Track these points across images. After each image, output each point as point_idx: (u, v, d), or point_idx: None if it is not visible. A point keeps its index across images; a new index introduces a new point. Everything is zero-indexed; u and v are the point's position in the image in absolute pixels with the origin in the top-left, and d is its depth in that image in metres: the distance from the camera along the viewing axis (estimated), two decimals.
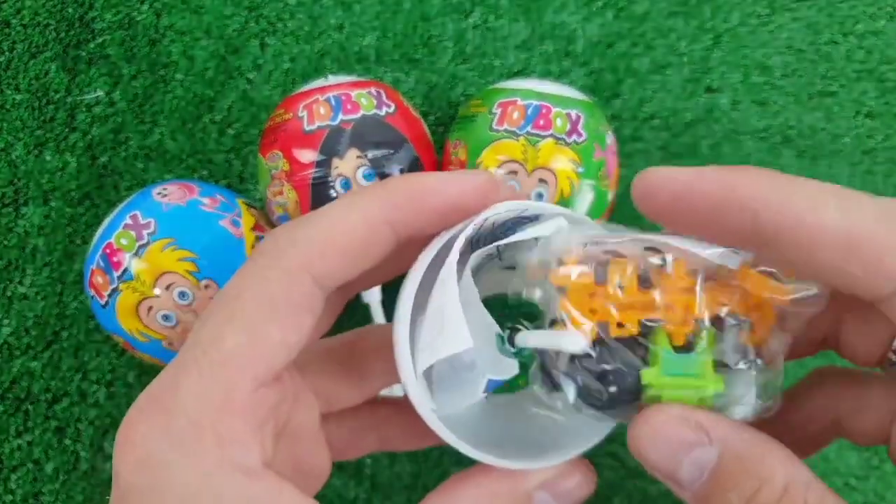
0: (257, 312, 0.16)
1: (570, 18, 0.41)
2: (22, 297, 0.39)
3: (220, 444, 0.15)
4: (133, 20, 0.42)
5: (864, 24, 0.41)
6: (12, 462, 0.37)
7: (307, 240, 0.16)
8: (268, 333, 0.16)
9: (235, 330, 0.16)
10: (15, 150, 0.41)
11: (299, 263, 0.16)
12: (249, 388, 0.16)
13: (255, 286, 0.16)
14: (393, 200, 0.17)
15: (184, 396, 0.15)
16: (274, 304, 0.16)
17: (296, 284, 0.16)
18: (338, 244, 0.16)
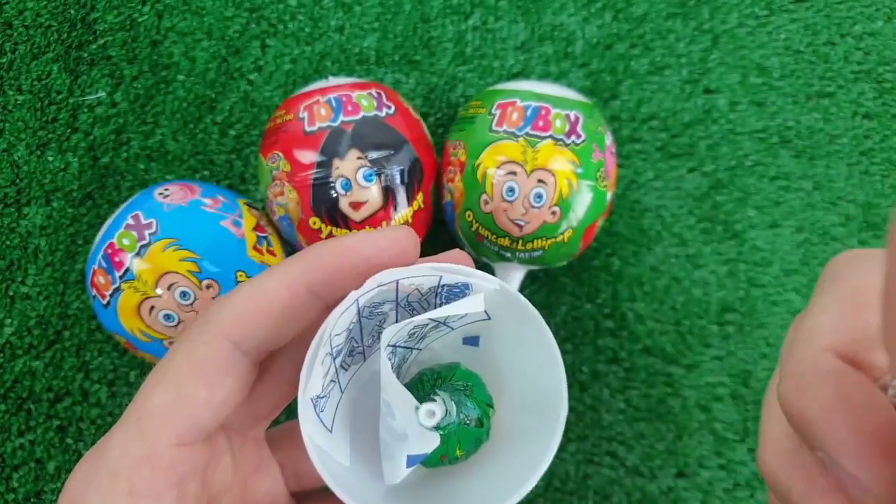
0: (183, 374, 0.17)
1: (569, 20, 0.41)
2: (24, 296, 0.39)
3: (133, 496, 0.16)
4: (135, 21, 0.42)
5: (862, 26, 0.41)
6: (14, 461, 0.38)
7: (230, 307, 0.17)
8: (191, 393, 0.17)
9: (162, 390, 0.17)
10: (17, 151, 0.41)
11: (222, 330, 0.17)
12: (169, 444, 0.16)
13: (183, 351, 0.17)
14: (311, 265, 0.18)
15: (110, 449, 0.17)
16: (198, 366, 0.17)
17: (217, 349, 0.17)
18: (257, 311, 0.17)
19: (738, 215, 0.39)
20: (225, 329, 0.17)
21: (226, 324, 0.17)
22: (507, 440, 0.19)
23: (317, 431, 0.17)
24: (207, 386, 0.17)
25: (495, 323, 0.19)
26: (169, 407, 0.17)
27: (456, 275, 0.17)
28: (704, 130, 0.40)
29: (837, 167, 0.40)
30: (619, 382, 0.37)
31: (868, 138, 0.40)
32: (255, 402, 0.20)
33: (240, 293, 0.18)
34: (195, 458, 0.17)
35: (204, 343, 0.17)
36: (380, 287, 0.17)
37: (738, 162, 0.40)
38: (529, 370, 0.19)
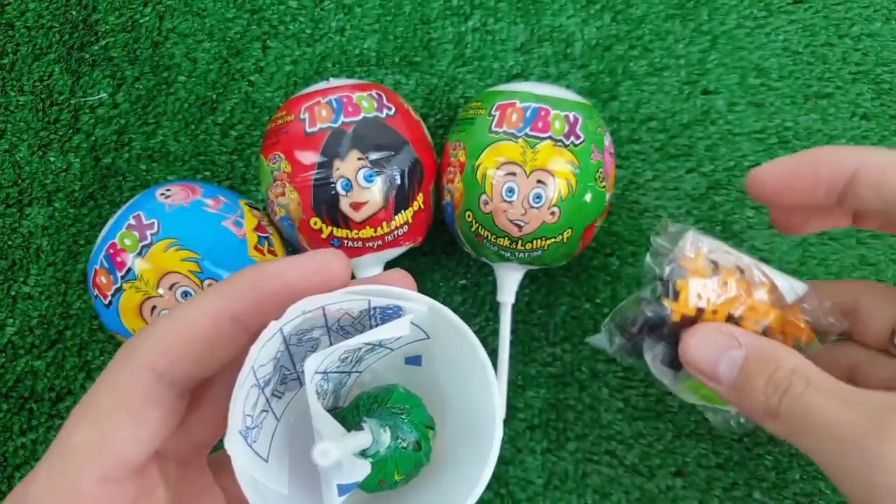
0: (105, 408, 0.17)
1: (568, 21, 0.42)
2: (26, 296, 0.39)
3: None
4: (136, 23, 0.42)
5: (860, 27, 0.42)
6: (16, 460, 0.38)
7: (152, 338, 0.17)
8: (115, 428, 0.16)
9: (84, 426, 0.16)
10: (19, 151, 0.41)
11: (144, 361, 0.17)
12: (94, 482, 0.16)
13: (106, 384, 0.17)
14: (234, 293, 0.17)
15: (31, 488, 0.16)
16: (121, 400, 0.17)
17: (140, 381, 0.17)
18: (179, 341, 0.17)
19: (736, 215, 0.40)
20: (148, 360, 0.17)
21: (149, 355, 0.17)
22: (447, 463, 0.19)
23: (250, 463, 0.17)
24: (132, 420, 0.16)
25: (435, 342, 0.19)
26: (92, 443, 0.16)
27: (384, 297, 0.17)
28: (703, 131, 0.40)
29: None
30: (618, 382, 0.38)
31: (866, 139, 0.40)
32: (192, 430, 0.19)
33: (162, 323, 0.17)
34: (122, 495, 0.17)
35: (127, 376, 0.17)
36: (304, 314, 0.17)
37: (736, 162, 0.40)
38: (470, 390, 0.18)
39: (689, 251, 0.27)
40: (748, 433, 0.37)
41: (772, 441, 0.37)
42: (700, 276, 0.26)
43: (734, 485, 0.37)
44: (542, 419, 0.37)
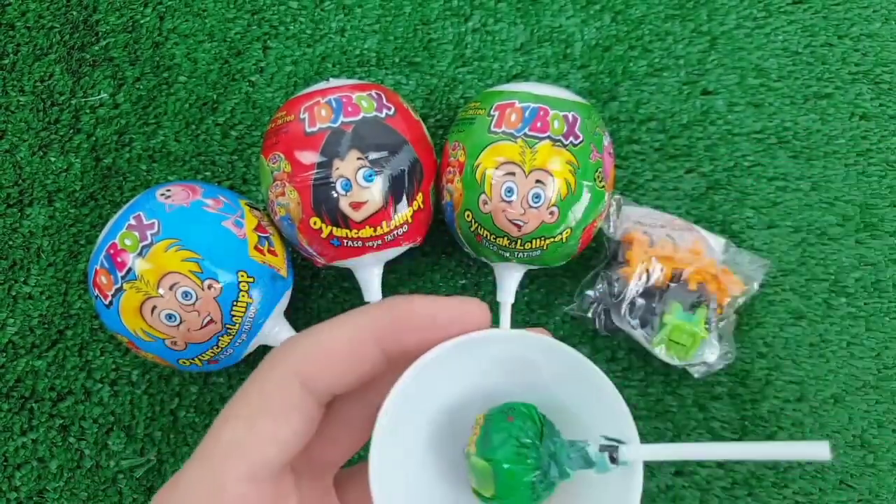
0: (253, 410, 0.18)
1: (567, 22, 0.42)
2: (27, 296, 0.40)
3: None
4: (137, 23, 0.42)
5: (860, 27, 0.42)
6: (17, 460, 0.38)
7: (301, 347, 0.18)
8: (261, 428, 0.17)
9: (232, 425, 0.17)
10: (20, 152, 0.41)
11: (292, 367, 0.18)
12: (240, 480, 0.17)
13: (254, 386, 0.18)
14: (383, 318, 0.18)
15: (181, 484, 0.17)
16: (267, 403, 0.18)
17: (286, 385, 0.18)
18: (325, 352, 0.18)
19: (735, 215, 0.40)
20: (295, 367, 0.18)
21: (296, 362, 0.18)
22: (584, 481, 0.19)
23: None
24: (276, 421, 0.17)
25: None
26: (238, 442, 0.17)
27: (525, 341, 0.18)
28: (702, 131, 0.40)
29: (835, 168, 0.40)
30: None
31: (865, 139, 0.41)
32: (323, 448, 0.20)
33: (312, 334, 0.18)
34: (262, 496, 0.17)
35: (275, 379, 0.18)
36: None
37: (735, 162, 0.40)
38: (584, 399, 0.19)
39: (630, 224, 0.36)
40: (746, 433, 0.37)
41: (771, 439, 0.37)
42: (641, 243, 0.36)
43: (734, 484, 0.37)
44: None
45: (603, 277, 0.37)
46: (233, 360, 0.34)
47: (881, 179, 0.40)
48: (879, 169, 0.40)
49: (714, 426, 0.37)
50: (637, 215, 0.38)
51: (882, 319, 0.38)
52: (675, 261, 0.36)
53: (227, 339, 0.32)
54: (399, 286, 0.39)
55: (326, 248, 0.33)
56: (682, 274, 0.36)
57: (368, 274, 0.35)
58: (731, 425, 0.37)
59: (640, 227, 0.37)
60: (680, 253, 0.36)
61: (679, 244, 0.36)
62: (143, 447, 0.38)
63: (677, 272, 0.36)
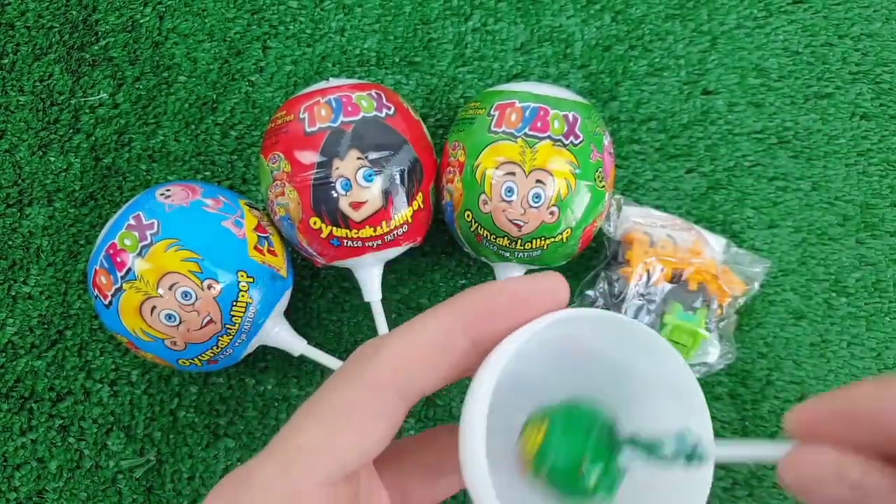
0: (336, 415, 0.17)
1: (568, 22, 0.42)
2: (26, 296, 0.39)
3: None
4: (136, 23, 0.42)
5: (860, 27, 0.42)
6: (16, 460, 0.38)
7: (389, 350, 0.17)
8: (343, 435, 0.17)
9: (313, 427, 0.17)
10: (19, 152, 0.41)
11: (384, 375, 0.17)
12: (317, 485, 0.16)
13: (337, 392, 0.17)
14: (465, 306, 0.18)
15: (254, 485, 0.16)
16: (353, 409, 0.17)
17: (374, 394, 0.17)
18: (414, 355, 0.17)
19: (736, 215, 0.40)
20: (384, 374, 0.17)
21: (386, 369, 0.17)
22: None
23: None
24: (359, 430, 0.17)
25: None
26: (318, 447, 0.16)
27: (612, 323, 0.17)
28: (703, 131, 0.40)
29: (835, 167, 0.40)
30: None
31: (866, 139, 0.40)
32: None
33: (398, 336, 0.18)
34: (340, 499, 0.17)
35: (361, 387, 0.17)
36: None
37: (736, 162, 0.40)
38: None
39: (630, 224, 0.36)
40: (747, 434, 0.37)
41: (772, 440, 0.37)
42: (642, 243, 0.36)
43: (734, 484, 0.37)
44: None
45: (603, 277, 0.37)
46: (232, 361, 0.34)
47: (882, 179, 0.40)
48: (880, 169, 0.40)
49: (715, 426, 0.37)
50: (637, 215, 0.37)
51: (883, 319, 0.38)
52: (675, 261, 0.36)
53: (226, 340, 0.32)
54: (399, 286, 0.39)
55: (326, 248, 0.33)
56: (682, 274, 0.36)
57: (368, 274, 0.35)
58: (731, 425, 0.37)
59: (640, 227, 0.37)
60: (680, 253, 0.36)
61: (679, 244, 0.36)
62: (142, 447, 0.38)
63: (678, 272, 0.36)
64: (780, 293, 0.39)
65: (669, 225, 0.37)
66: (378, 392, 0.17)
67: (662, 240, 0.36)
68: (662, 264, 0.36)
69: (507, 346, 0.17)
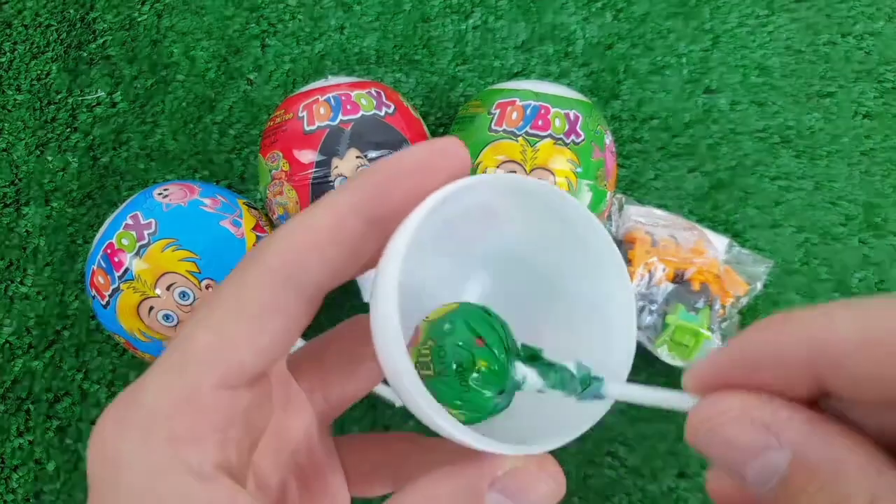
0: (229, 313, 0.16)
1: (569, 20, 0.41)
2: (23, 296, 0.39)
3: (173, 442, 0.15)
4: (134, 21, 0.42)
5: (863, 25, 0.41)
6: (14, 461, 0.38)
7: (281, 241, 0.16)
8: (237, 332, 0.16)
9: (205, 329, 0.16)
10: (16, 151, 0.41)
11: (271, 265, 0.16)
12: (212, 387, 0.15)
13: (229, 288, 0.16)
14: (358, 185, 0.17)
15: (147, 393, 0.15)
16: (245, 305, 0.16)
17: (266, 286, 0.16)
18: (307, 241, 0.16)
19: (738, 215, 0.39)
20: (275, 264, 0.16)
21: (276, 258, 0.16)
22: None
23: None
24: (254, 326, 0.16)
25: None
26: (212, 348, 0.16)
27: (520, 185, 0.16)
28: (705, 130, 0.40)
29: (838, 167, 0.40)
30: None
31: (869, 138, 0.40)
32: None
33: (290, 225, 0.17)
34: (238, 403, 0.16)
35: (252, 280, 0.16)
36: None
37: (738, 162, 0.40)
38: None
39: (632, 223, 0.36)
40: None
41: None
42: (644, 243, 0.35)
43: None
44: None
45: None
46: None
47: (885, 179, 0.40)
48: (883, 168, 0.40)
49: None
50: (639, 214, 0.37)
51: None
52: (677, 261, 0.36)
53: None
54: None
55: None
56: (684, 274, 0.36)
57: (367, 274, 0.35)
58: None
59: (642, 226, 0.37)
60: (682, 253, 0.36)
61: (681, 244, 0.36)
62: None
63: (680, 272, 0.36)
64: (783, 293, 0.38)
65: (671, 224, 0.37)
66: (267, 283, 0.16)
67: (664, 239, 0.36)
68: (664, 264, 0.36)
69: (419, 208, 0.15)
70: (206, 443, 0.15)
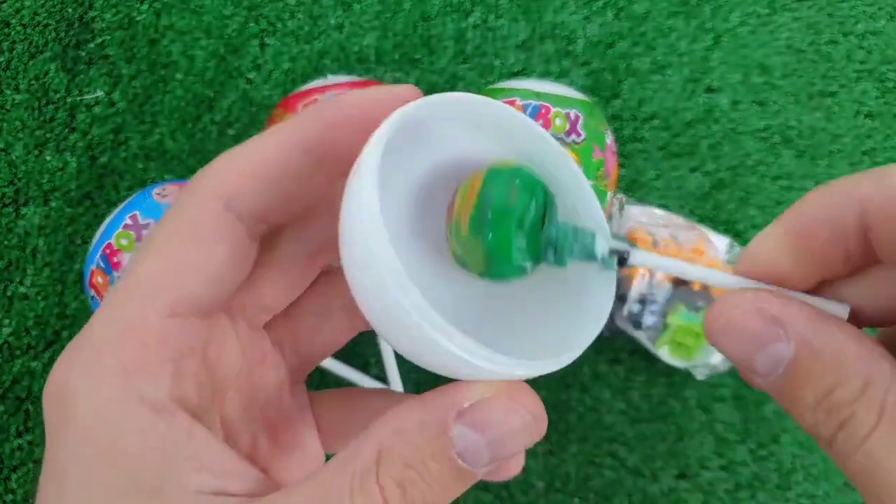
0: (172, 240, 0.16)
1: (570, 18, 0.41)
2: (22, 297, 0.39)
3: (123, 372, 0.14)
4: (133, 20, 0.42)
5: (864, 24, 0.41)
6: (13, 462, 0.37)
7: (221, 167, 0.16)
8: (180, 258, 0.15)
9: (149, 258, 0.15)
10: (15, 151, 0.41)
11: (211, 190, 0.16)
12: (160, 315, 0.15)
13: (173, 216, 0.16)
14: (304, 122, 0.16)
15: (94, 326, 0.15)
16: (187, 230, 0.16)
17: (207, 210, 0.16)
18: (247, 169, 0.16)
19: (739, 215, 0.39)
20: (215, 189, 0.16)
21: (216, 184, 0.16)
22: None
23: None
24: (199, 251, 0.15)
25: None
26: (157, 275, 0.15)
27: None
28: (706, 130, 0.40)
29: (840, 167, 0.40)
30: (621, 383, 0.37)
31: (870, 138, 0.40)
32: (260, 288, 0.18)
33: (231, 152, 0.16)
34: (190, 333, 0.15)
35: (194, 205, 0.16)
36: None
37: (739, 161, 0.40)
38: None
39: (633, 223, 0.35)
40: (749, 435, 0.37)
41: (775, 441, 0.37)
42: (644, 243, 0.35)
43: (738, 487, 0.36)
44: None
45: None
46: None
47: None
48: None
49: (717, 428, 0.37)
50: (640, 214, 0.37)
51: None
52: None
53: None
54: None
55: None
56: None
57: None
58: (734, 427, 0.37)
59: (643, 226, 0.36)
60: (683, 253, 0.36)
61: (682, 244, 0.36)
62: None
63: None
64: None
65: (672, 224, 0.37)
66: (209, 207, 0.16)
67: (665, 239, 0.36)
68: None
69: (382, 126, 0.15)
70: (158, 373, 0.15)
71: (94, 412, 0.14)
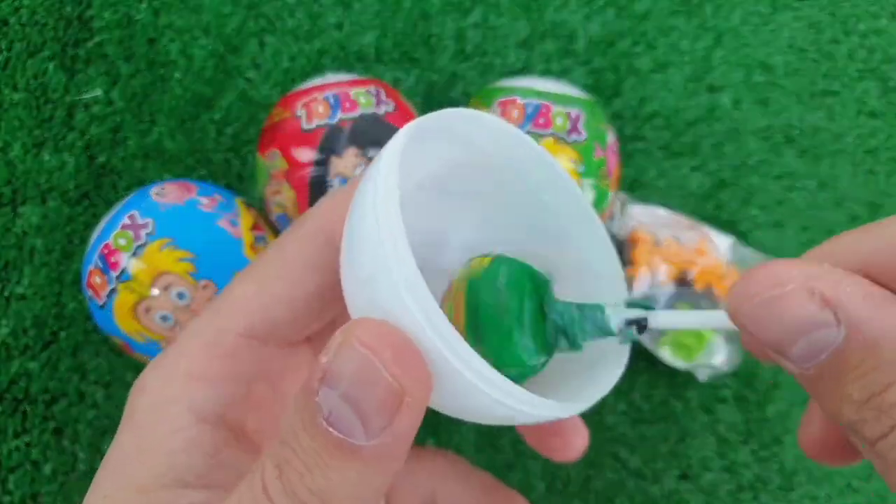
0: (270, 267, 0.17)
1: (571, 16, 0.41)
2: (20, 297, 0.39)
3: (188, 378, 0.16)
4: (131, 19, 0.42)
5: (867, 23, 0.41)
6: (10, 463, 0.37)
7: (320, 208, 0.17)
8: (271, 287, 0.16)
9: (244, 282, 0.17)
10: (13, 150, 0.41)
11: (314, 226, 0.17)
12: (237, 333, 0.16)
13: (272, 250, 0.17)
14: None
15: (183, 335, 0.17)
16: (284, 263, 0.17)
17: (308, 245, 0.17)
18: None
19: (741, 214, 0.39)
20: (318, 224, 0.17)
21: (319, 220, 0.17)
22: None
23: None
24: (291, 280, 0.17)
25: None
26: (246, 298, 0.16)
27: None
28: (708, 129, 0.40)
29: (842, 166, 0.40)
30: (622, 384, 0.37)
31: (873, 137, 0.40)
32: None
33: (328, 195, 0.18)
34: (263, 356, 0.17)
35: (294, 240, 0.17)
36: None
37: (741, 161, 0.40)
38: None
39: (635, 223, 0.35)
40: (752, 436, 0.37)
41: (778, 443, 0.37)
42: (646, 243, 0.35)
43: (740, 488, 0.36)
44: None
45: None
46: None
47: (889, 178, 0.40)
48: (887, 167, 0.40)
49: (719, 429, 0.37)
50: (642, 214, 0.37)
51: None
52: (680, 261, 0.36)
53: None
54: None
55: None
56: (687, 275, 0.35)
57: None
58: (736, 428, 0.37)
59: (644, 226, 0.36)
60: (685, 253, 0.36)
61: (684, 244, 0.36)
62: None
63: (683, 273, 0.36)
64: None
65: (674, 224, 0.37)
66: (311, 242, 0.17)
67: (667, 239, 0.36)
68: (667, 264, 0.35)
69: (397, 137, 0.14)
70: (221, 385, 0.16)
71: (149, 407, 0.16)
